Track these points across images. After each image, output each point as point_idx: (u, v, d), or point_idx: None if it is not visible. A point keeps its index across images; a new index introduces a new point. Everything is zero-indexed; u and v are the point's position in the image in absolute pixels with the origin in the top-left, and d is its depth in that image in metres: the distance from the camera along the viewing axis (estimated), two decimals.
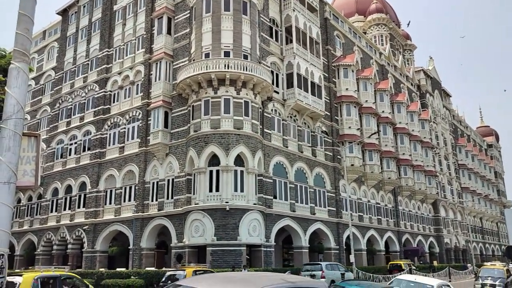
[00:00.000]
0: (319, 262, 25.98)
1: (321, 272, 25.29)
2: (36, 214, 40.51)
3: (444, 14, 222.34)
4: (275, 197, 30.98)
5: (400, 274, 23.58)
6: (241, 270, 22.44)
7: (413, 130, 52.10)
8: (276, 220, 30.37)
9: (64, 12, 44.65)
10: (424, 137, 54.74)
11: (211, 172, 27.41)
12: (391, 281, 15.78)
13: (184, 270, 17.20)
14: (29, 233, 40.13)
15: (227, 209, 26.13)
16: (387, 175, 45.57)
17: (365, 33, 58.65)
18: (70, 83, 41.18)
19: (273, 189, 30.96)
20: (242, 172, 27.61)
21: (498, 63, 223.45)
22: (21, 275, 13.56)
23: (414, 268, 37.32)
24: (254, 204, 27.53)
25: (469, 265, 50.78)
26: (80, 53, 41.17)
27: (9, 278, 13.71)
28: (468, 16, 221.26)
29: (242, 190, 27.24)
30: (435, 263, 48.58)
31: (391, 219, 46.62)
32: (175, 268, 23.15)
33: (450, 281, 32.57)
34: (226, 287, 4.76)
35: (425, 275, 29.15)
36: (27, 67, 4.34)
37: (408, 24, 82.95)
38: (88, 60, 39.90)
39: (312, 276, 23.93)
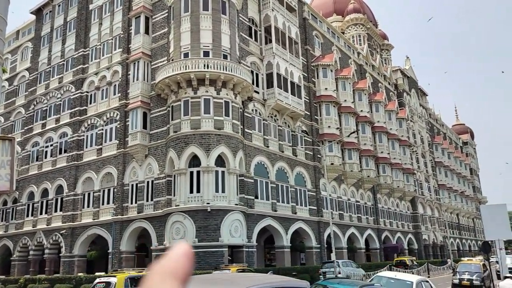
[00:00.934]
0: (336, 260, 28.28)
1: (338, 268, 27.36)
2: (12, 219, 39.43)
3: (421, 14, 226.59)
4: (256, 197, 30.96)
5: (382, 271, 23.87)
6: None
7: (391, 128, 52.86)
8: (258, 220, 30.35)
9: (38, 12, 43.61)
10: (402, 136, 55.62)
11: (191, 173, 27.19)
12: (371, 278, 15.96)
13: (115, 276, 16.66)
14: (4, 238, 39.03)
15: (209, 210, 25.97)
16: (366, 173, 46.12)
17: (343, 33, 59.19)
18: (45, 84, 40.24)
19: (254, 189, 30.93)
20: (223, 172, 27.48)
21: (475, 61, 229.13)
22: (114, 276, 15.32)
23: (416, 263, 40.89)
24: (236, 204, 27.44)
25: (448, 260, 51.78)
26: (55, 53, 40.27)
27: (104, 279, 15.82)
28: (447, 15, 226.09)
29: (223, 191, 27.12)
30: (414, 259, 49.35)
31: (371, 216, 47.21)
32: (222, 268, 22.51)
33: (429, 277, 33.18)
34: None
35: (405, 272, 29.67)
36: (1, 68, 4.18)
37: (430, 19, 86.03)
38: (64, 61, 39.07)
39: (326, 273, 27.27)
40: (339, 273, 26.62)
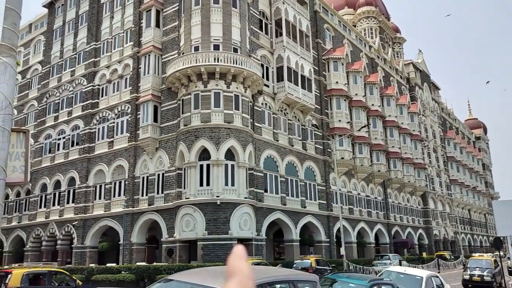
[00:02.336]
0: (387, 254, 35.34)
1: (389, 261, 32.81)
2: (25, 210, 40.07)
3: (435, 7, 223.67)
4: (266, 191, 31.02)
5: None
6: None
7: (402, 123, 52.43)
8: (267, 213, 30.44)
9: (50, 5, 43.92)
10: (413, 130, 55.14)
11: (201, 166, 27.32)
12: (381, 272, 15.94)
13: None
14: (17, 229, 39.71)
15: (218, 203, 26.11)
16: (377, 168, 45.88)
17: (354, 26, 58.71)
18: (57, 77, 40.62)
19: (264, 182, 30.99)
20: (232, 166, 27.57)
21: (488, 57, 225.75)
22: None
23: (453, 257, 43.80)
24: (245, 198, 27.53)
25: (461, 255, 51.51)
26: (67, 47, 40.59)
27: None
28: (460, 9, 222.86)
29: (233, 184, 27.22)
30: (424, 254, 49.17)
31: (381, 211, 47.02)
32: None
33: (439, 272, 33.02)
34: (218, 281, 4.76)
35: (415, 267, 29.56)
36: (15, 61, 4.25)
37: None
38: (76, 54, 39.37)
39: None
40: (390, 263, 30.51)
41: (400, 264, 29.34)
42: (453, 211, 67.27)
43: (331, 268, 26.75)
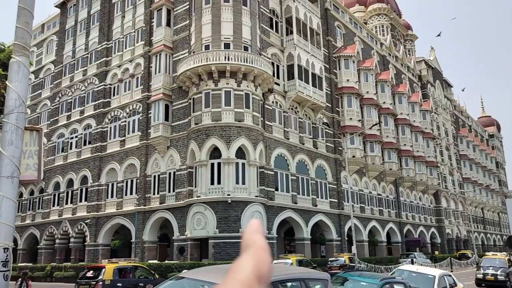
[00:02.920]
0: (413, 253, 38.24)
1: (414, 259, 34.96)
2: (38, 208, 40.61)
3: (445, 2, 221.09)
4: (276, 189, 31.00)
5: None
6: None
7: (414, 121, 51.98)
8: (278, 212, 30.42)
9: (62, 5, 44.37)
10: (425, 128, 54.62)
11: (212, 164, 27.40)
12: (393, 271, 15.82)
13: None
14: (31, 227, 40.27)
15: (229, 201, 26.16)
16: (389, 166, 45.56)
17: (366, 23, 58.28)
18: (70, 76, 41.05)
19: (274, 181, 30.97)
20: (243, 164, 27.60)
21: (502, 53, 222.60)
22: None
23: (475, 256, 46.54)
24: (256, 196, 27.55)
25: (474, 254, 51.06)
26: (79, 46, 40.99)
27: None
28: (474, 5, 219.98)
29: (243, 183, 27.25)
30: (436, 253, 48.75)
31: (393, 210, 46.69)
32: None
33: (451, 271, 32.69)
34: None
35: (427, 265, 29.31)
36: (28, 61, 4.29)
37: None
38: (88, 53, 39.74)
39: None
40: (413, 262, 32.00)
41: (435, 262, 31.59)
42: (466, 209, 66.52)
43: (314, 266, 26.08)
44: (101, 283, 15.26)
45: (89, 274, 16.65)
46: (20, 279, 14.49)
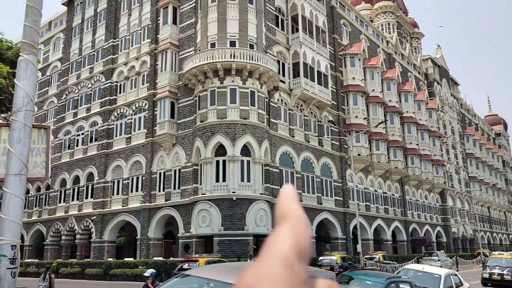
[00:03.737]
0: (435, 251, 40.33)
1: (437, 257, 36.32)
2: (45, 205, 40.89)
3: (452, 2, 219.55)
4: (281, 187, 30.88)
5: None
6: (246, 261, 22.55)
7: (420, 119, 51.71)
8: None
9: (69, 3, 44.54)
10: (432, 126, 54.33)
11: (217, 162, 27.44)
12: (398, 270, 15.78)
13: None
14: (38, 223, 40.56)
15: (234, 199, 26.21)
16: (394, 164, 45.39)
17: (372, 21, 58.00)
18: (76, 74, 41.24)
19: (279, 178, 30.96)
20: (248, 162, 27.62)
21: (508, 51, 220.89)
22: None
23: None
24: (261, 194, 27.57)
25: (482, 253, 50.85)
26: (86, 44, 41.15)
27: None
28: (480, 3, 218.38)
29: (248, 180, 27.27)
30: (442, 252, 48.52)
31: (398, 208, 46.54)
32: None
33: (457, 270, 32.56)
34: (235, 276, 4.77)
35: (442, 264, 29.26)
36: (36, 59, 4.31)
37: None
38: (94, 51, 39.89)
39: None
40: (439, 260, 33.92)
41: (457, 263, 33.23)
42: (472, 208, 66.16)
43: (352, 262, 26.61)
44: None
45: (185, 266, 18.58)
46: (43, 274, 15.68)
